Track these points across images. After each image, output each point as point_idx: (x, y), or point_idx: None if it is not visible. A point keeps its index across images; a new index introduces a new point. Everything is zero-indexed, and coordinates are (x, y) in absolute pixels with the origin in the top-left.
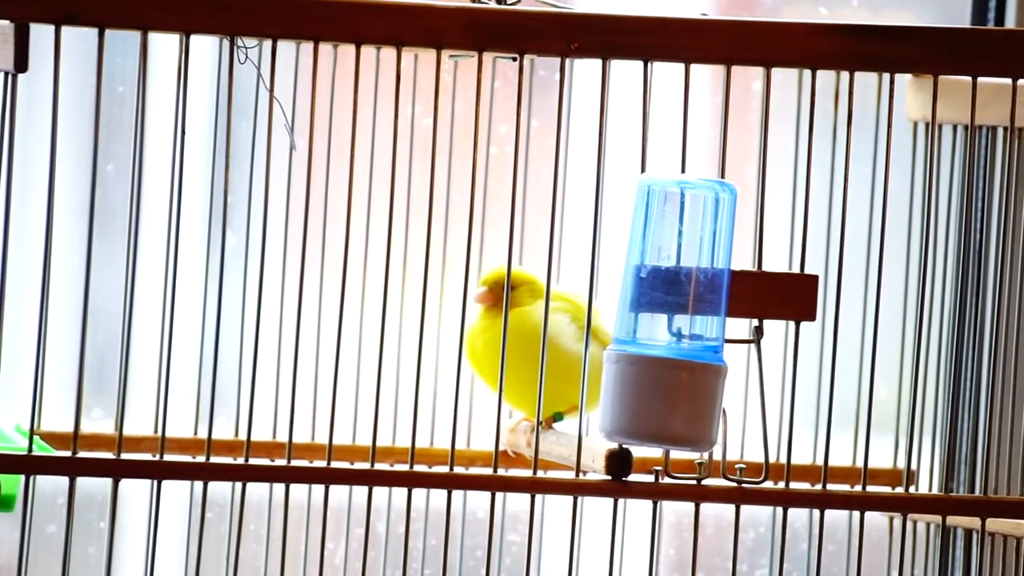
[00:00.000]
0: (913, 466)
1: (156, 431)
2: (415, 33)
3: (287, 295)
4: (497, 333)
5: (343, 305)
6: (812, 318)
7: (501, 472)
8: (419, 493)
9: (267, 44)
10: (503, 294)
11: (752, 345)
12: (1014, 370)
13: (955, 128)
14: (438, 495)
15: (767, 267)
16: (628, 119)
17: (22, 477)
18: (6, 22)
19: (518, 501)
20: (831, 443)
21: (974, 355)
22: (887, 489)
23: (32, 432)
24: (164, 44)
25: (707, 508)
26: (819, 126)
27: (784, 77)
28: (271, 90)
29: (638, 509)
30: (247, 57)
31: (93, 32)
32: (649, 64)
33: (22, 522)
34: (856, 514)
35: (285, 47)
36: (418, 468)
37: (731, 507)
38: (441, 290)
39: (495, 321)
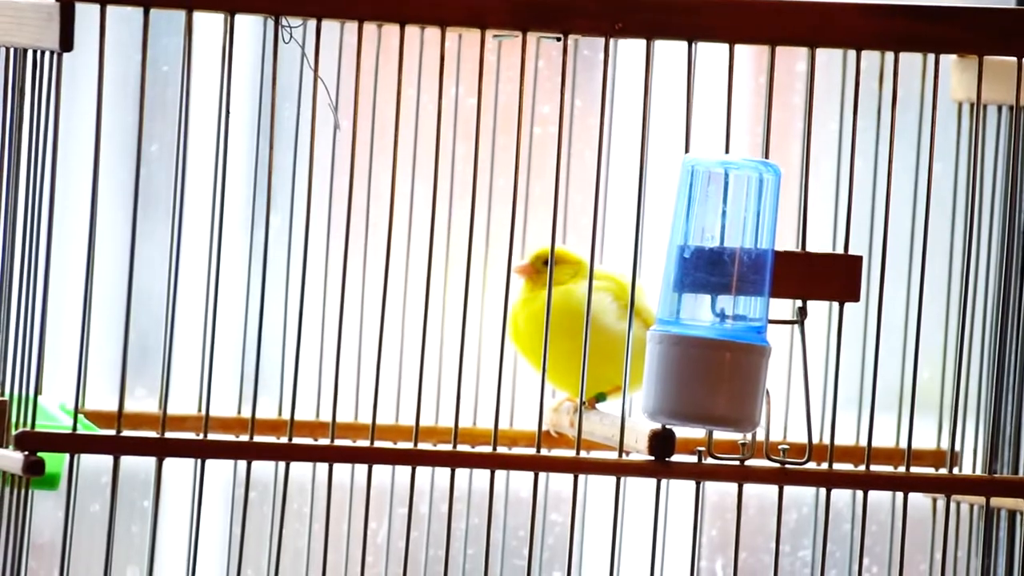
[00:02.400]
0: (957, 447)
1: (200, 410)
2: (459, 13)
3: (331, 275)
4: (538, 308)
5: (387, 284)
6: (856, 299)
7: (544, 452)
8: (462, 473)
9: (311, 23)
10: (543, 268)
11: (796, 326)
12: None
13: (1000, 109)
14: (481, 475)
15: (811, 248)
16: (672, 99)
17: (67, 456)
18: (52, 1)
19: (561, 481)
20: (874, 424)
21: (1018, 336)
22: (931, 470)
23: (76, 411)
24: (209, 23)
25: (750, 489)
26: (863, 107)
27: (828, 57)
28: (315, 70)
29: (681, 489)
30: (291, 36)
31: (138, 11)
32: (693, 44)
33: (66, 501)
34: (899, 495)
35: (329, 27)
36: (461, 448)
37: (774, 488)
38: (484, 270)
39: (536, 295)
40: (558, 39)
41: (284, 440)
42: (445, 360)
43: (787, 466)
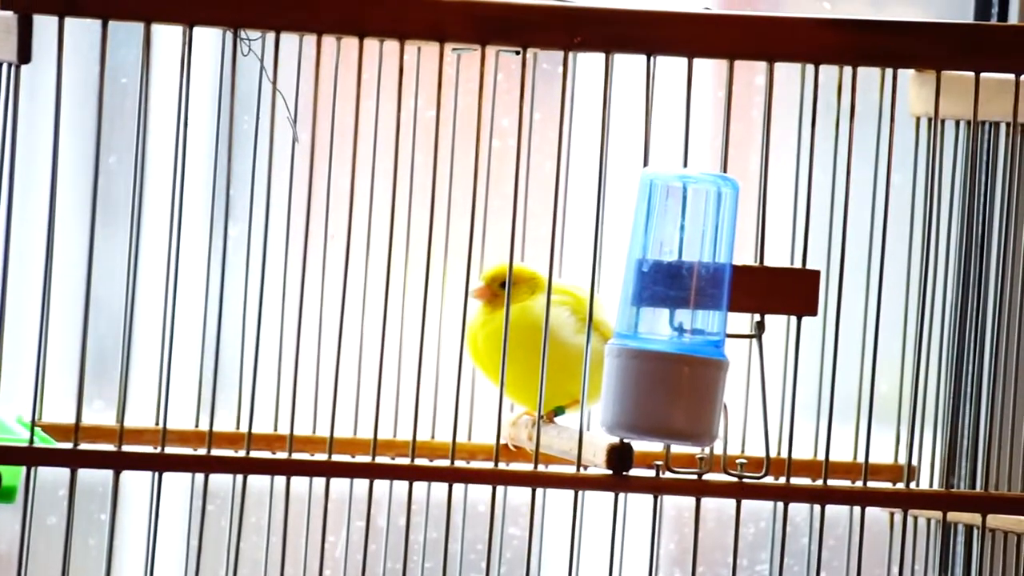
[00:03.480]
0: (914, 461)
1: (157, 423)
2: (418, 26)
3: (289, 288)
4: (497, 328)
5: (345, 298)
6: (814, 313)
7: (502, 466)
8: (420, 486)
9: (270, 36)
10: (499, 291)
11: (753, 340)
12: (1015, 366)
13: (958, 124)
14: (439, 488)
15: (769, 262)
16: (631, 113)
17: (23, 468)
18: (9, 13)
19: (519, 495)
20: (832, 438)
21: (975, 351)
22: (888, 484)
23: (33, 424)
24: (167, 36)
25: (708, 502)
26: (822, 121)
27: (787, 72)
28: (274, 82)
29: (639, 503)
30: (250, 49)
31: (96, 23)
32: (652, 58)
33: (23, 513)
34: (857, 509)
35: (288, 39)
36: (419, 461)
37: (732, 502)
38: (443, 283)
39: (494, 315)
40: (517, 52)
41: (242, 453)
42: (404, 373)
43: (745, 480)
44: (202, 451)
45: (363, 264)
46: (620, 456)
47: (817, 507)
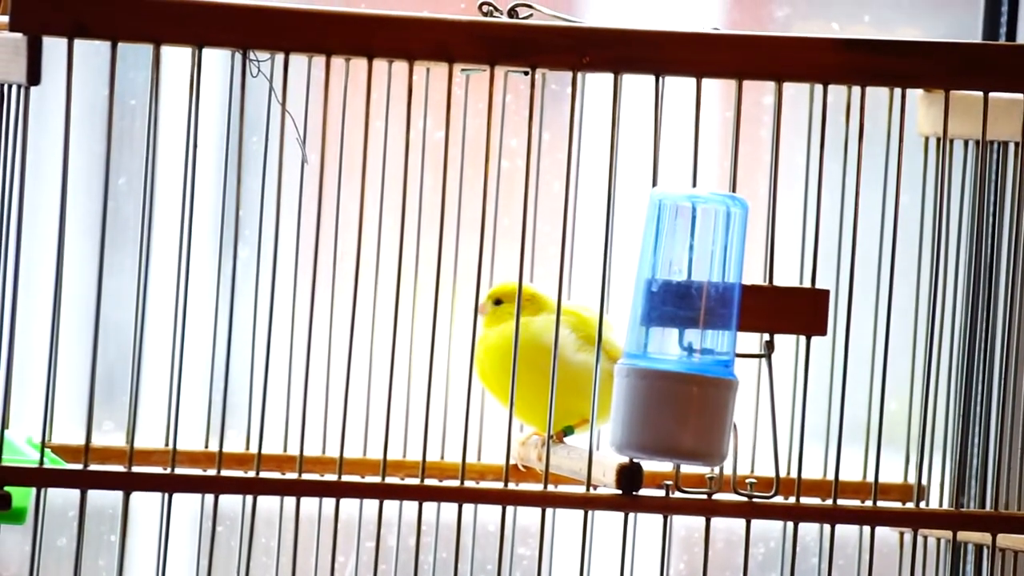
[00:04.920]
0: (924, 481)
1: (167, 444)
2: (427, 47)
3: (298, 308)
4: (494, 344)
5: (354, 318)
6: (823, 332)
7: (512, 486)
8: (430, 507)
9: (279, 57)
10: (494, 307)
11: (763, 359)
12: None
13: (966, 143)
14: (449, 508)
15: (778, 281)
16: (639, 133)
17: (33, 490)
18: (19, 35)
19: (529, 515)
20: (842, 458)
21: (985, 370)
22: (898, 504)
23: (43, 445)
24: (176, 57)
25: (717, 522)
26: (830, 141)
27: (795, 92)
28: (283, 103)
29: (648, 523)
30: (259, 70)
31: (105, 45)
32: (661, 78)
33: (33, 535)
34: (867, 529)
35: (297, 60)
36: (429, 482)
37: (742, 521)
38: (452, 303)
39: (487, 333)
40: (526, 73)
41: (251, 474)
42: (413, 393)
43: (754, 500)
44: (212, 472)
45: (372, 285)
46: (630, 476)
47: (827, 527)
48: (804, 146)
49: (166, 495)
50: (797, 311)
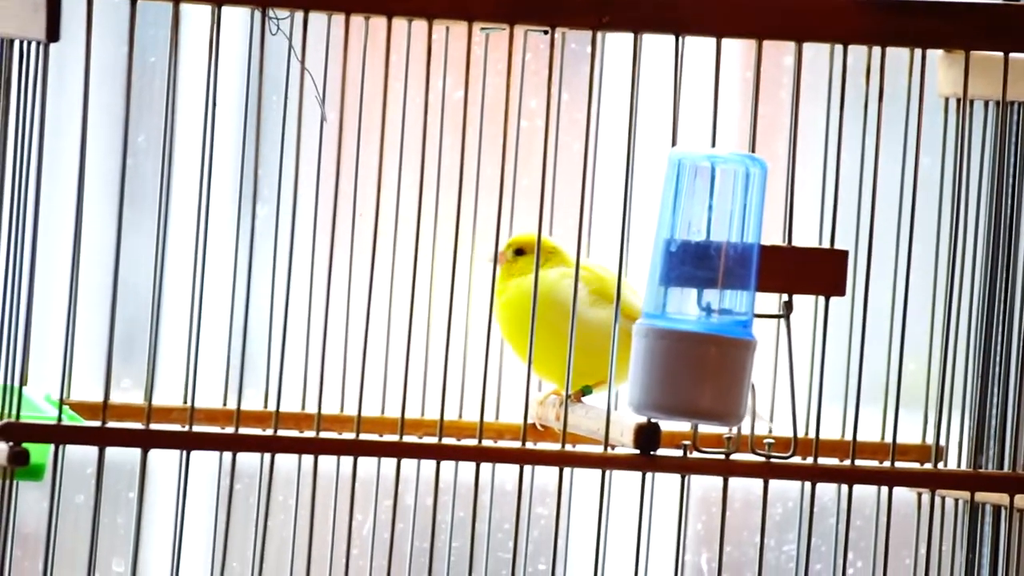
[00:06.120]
0: (942, 442)
1: (185, 402)
2: (446, 5)
3: (317, 267)
4: (510, 298)
5: (373, 277)
6: (842, 293)
7: (529, 445)
8: (447, 465)
9: (298, 16)
10: (513, 257)
11: (781, 320)
12: None
13: (986, 104)
14: (466, 467)
15: (797, 242)
16: (659, 93)
17: (51, 447)
18: None
19: (546, 474)
20: (860, 418)
21: (1004, 330)
22: (916, 465)
23: (61, 402)
24: (196, 15)
25: (735, 483)
26: (850, 101)
27: (815, 52)
28: (302, 62)
29: (666, 483)
30: (278, 29)
31: (125, 2)
32: (680, 38)
33: (51, 492)
34: (884, 489)
35: (316, 19)
36: (447, 440)
37: (759, 482)
38: (471, 263)
39: (506, 285)
40: (545, 32)
41: (270, 432)
42: (431, 352)
43: (772, 460)
44: (230, 430)
45: (391, 244)
46: (648, 436)
47: (845, 487)
48: (824, 107)
49: (184, 453)
50: (816, 272)
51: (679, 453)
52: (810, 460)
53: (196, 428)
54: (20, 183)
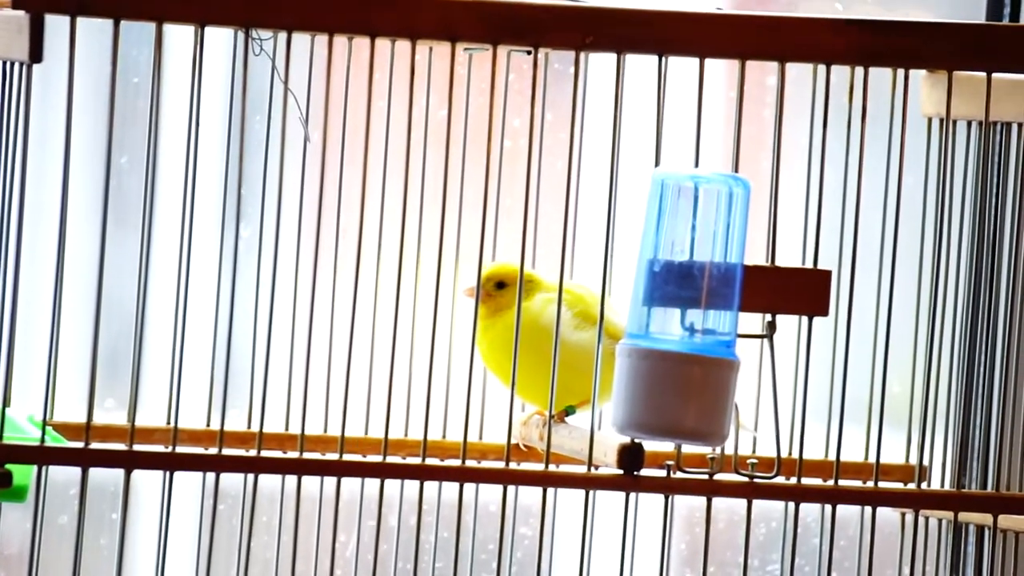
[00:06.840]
0: (925, 462)
1: (169, 422)
2: (429, 26)
3: (300, 287)
4: (498, 333)
5: (356, 297)
6: (825, 313)
7: (513, 466)
8: (431, 486)
9: (282, 36)
10: (494, 291)
11: (765, 340)
12: None
13: (969, 124)
14: (450, 488)
15: (780, 262)
16: (642, 113)
17: (34, 467)
18: (21, 12)
19: (530, 494)
20: (843, 438)
21: (987, 351)
22: (899, 485)
23: (45, 423)
24: (179, 35)
25: (719, 502)
26: (833, 121)
27: (798, 72)
28: (285, 82)
29: (650, 503)
30: (262, 49)
31: (108, 23)
32: (663, 58)
33: (34, 513)
34: (868, 509)
35: (300, 39)
36: (430, 461)
37: (743, 502)
38: (454, 283)
39: (494, 320)
40: (528, 52)
41: (253, 452)
42: (415, 373)
43: (756, 480)
44: (213, 450)
45: (374, 264)
46: (631, 456)
47: (828, 507)
48: (807, 127)
49: (167, 473)
50: (799, 291)
51: (663, 473)
52: (794, 480)
53: (179, 449)
54: (3, 202)
